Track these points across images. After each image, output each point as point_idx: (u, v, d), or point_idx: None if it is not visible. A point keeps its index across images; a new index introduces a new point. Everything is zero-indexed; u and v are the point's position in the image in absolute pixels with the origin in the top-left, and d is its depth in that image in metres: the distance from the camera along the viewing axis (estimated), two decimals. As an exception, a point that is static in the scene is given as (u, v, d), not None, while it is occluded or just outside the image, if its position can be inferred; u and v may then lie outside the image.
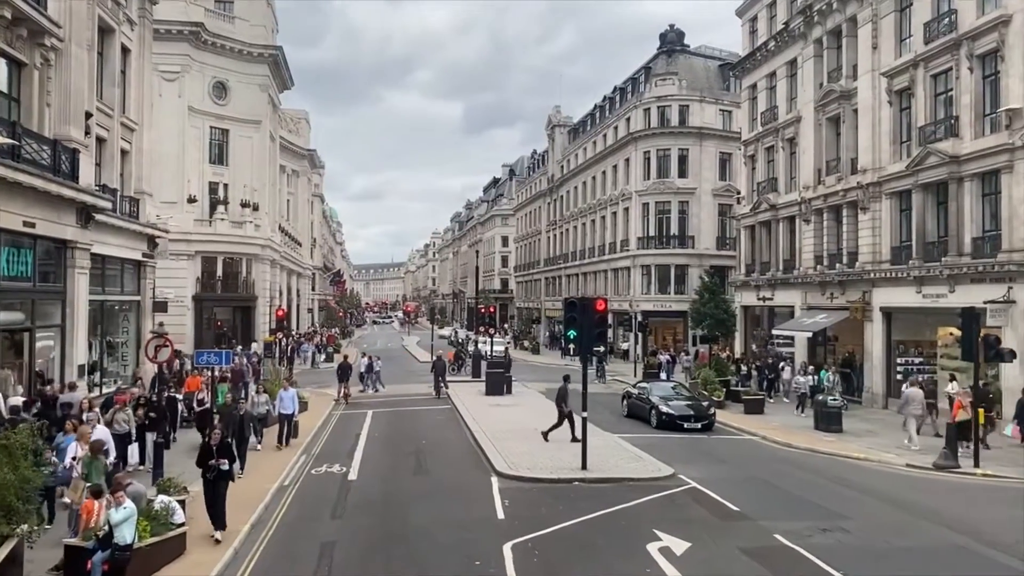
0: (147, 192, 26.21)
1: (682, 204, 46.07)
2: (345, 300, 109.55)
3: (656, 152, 46.23)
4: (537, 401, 26.00)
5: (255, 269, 43.15)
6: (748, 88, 34.58)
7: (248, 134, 43.70)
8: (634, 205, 47.28)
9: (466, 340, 60.09)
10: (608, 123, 52.59)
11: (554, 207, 66.10)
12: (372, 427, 20.40)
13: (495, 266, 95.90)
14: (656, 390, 21.10)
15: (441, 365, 28.37)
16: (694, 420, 19.82)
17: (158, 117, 40.15)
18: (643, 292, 46.54)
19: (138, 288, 25.67)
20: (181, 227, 39.33)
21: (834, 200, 27.14)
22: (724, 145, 46.44)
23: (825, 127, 27.87)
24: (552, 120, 65.82)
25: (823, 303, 27.50)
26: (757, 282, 32.26)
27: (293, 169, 62.22)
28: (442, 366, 28.34)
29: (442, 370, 28.16)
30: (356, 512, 11.89)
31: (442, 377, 27.92)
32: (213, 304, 41.24)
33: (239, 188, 42.88)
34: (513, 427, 19.52)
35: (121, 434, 13.11)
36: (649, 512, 11.79)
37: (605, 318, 13.94)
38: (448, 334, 69.86)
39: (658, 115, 46.50)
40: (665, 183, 45.87)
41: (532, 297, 74.31)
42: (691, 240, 45.92)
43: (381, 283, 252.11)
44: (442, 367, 28.27)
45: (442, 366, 28.34)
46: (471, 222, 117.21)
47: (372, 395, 27.62)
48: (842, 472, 15.27)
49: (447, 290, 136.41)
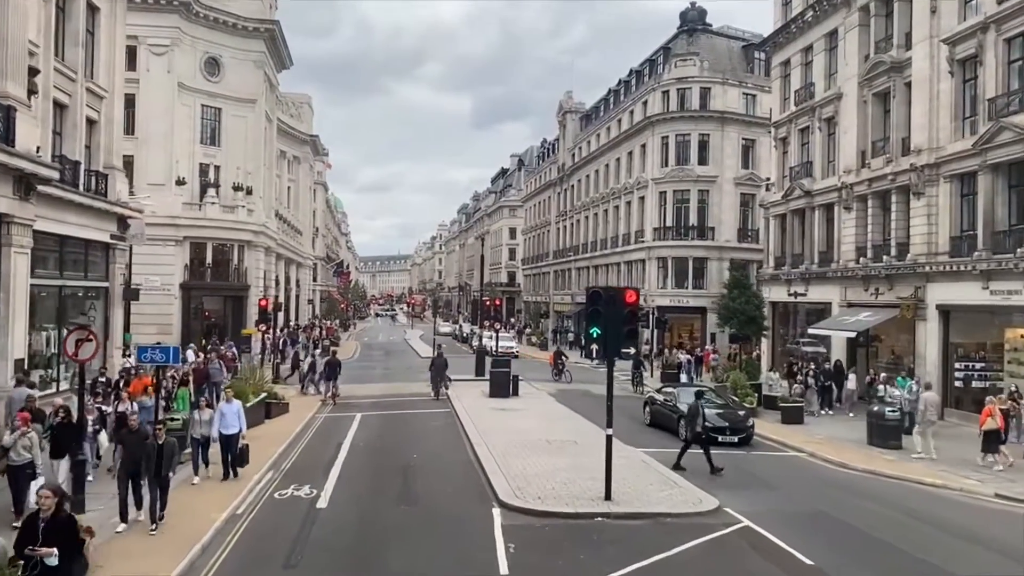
0: (117, 167, 23.64)
1: (702, 193, 43.21)
2: (350, 292, 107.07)
3: (675, 137, 43.35)
4: (547, 405, 23.35)
5: (248, 256, 40.66)
6: (780, 65, 31.68)
7: (242, 113, 41.12)
8: (650, 194, 44.45)
9: (471, 335, 57.56)
10: (624, 107, 49.70)
11: (564, 197, 63.32)
12: (358, 435, 17.78)
13: (502, 259, 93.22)
14: (684, 396, 18.38)
15: (441, 362, 25.69)
16: (730, 433, 17.11)
17: (145, 94, 37.79)
18: (659, 286, 43.77)
19: (106, 274, 23.13)
20: (169, 211, 36.93)
21: (881, 185, 24.29)
22: (747, 131, 43.55)
23: (871, 104, 24.99)
24: (563, 106, 62.94)
25: (866, 300, 24.69)
26: (788, 276, 29.46)
27: (294, 155, 59.69)
28: (442, 363, 25.66)
29: (442, 368, 25.50)
30: (318, 558, 9.26)
31: (442, 376, 25.27)
32: (203, 293, 38.81)
33: (232, 170, 40.35)
34: (520, 438, 16.89)
35: (16, 466, 9.80)
36: (697, 567, 9.14)
37: (636, 313, 11.27)
38: (451, 330, 67.22)
39: (677, 98, 43.59)
40: (684, 170, 43.00)
41: (540, 291, 71.62)
42: (711, 231, 43.08)
43: (388, 275, 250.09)
44: (442, 364, 25.59)
45: (442, 363, 25.66)
46: (478, 213, 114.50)
47: (360, 397, 24.85)
48: (921, 504, 12.56)
49: (453, 283, 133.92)
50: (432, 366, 25.79)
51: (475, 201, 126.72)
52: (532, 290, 76.62)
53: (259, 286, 41.56)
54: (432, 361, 26.21)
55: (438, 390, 25.04)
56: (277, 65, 46.51)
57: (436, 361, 25.88)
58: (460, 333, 62.66)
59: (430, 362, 26.36)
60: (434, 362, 25.94)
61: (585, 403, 24.17)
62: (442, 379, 25.25)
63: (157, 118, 37.06)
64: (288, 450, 15.64)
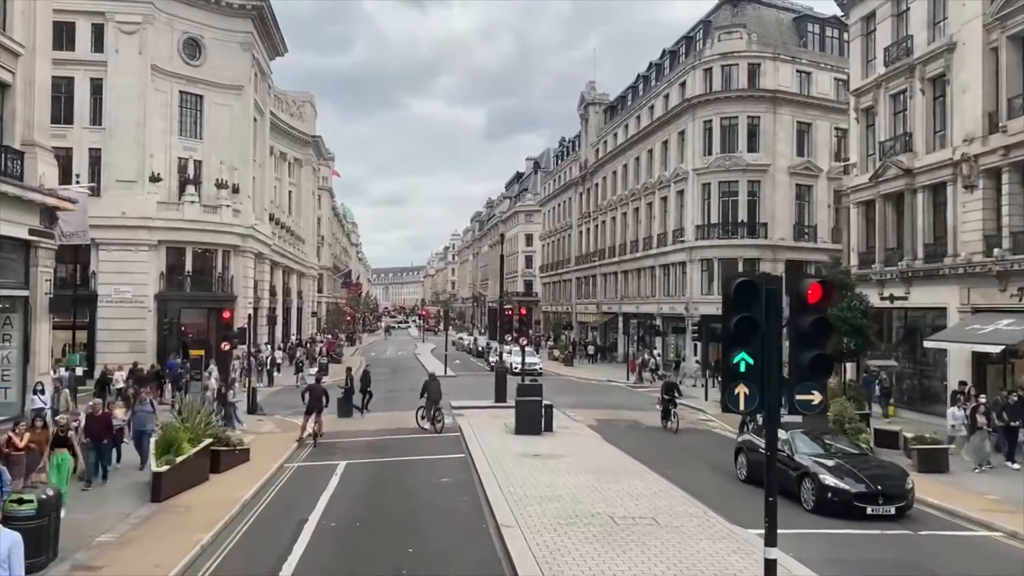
0: (42, 145, 18.56)
1: (752, 184, 37.66)
2: (361, 304, 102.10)
3: (719, 121, 37.87)
4: (593, 447, 17.82)
5: (234, 263, 35.65)
6: (860, 20, 26.20)
7: (227, 102, 36.26)
8: (691, 187, 38.95)
9: (487, 349, 52.17)
10: (656, 92, 44.30)
11: (587, 197, 57.95)
12: (331, 506, 12.22)
13: (518, 267, 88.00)
14: (802, 444, 12.82)
15: (435, 387, 20.40)
16: (883, 501, 11.49)
17: (113, 78, 32.96)
18: (703, 292, 38.16)
19: (26, 280, 18.01)
20: (141, 211, 32.08)
21: (1020, 153, 18.69)
22: (802, 113, 38.07)
23: (1006, 51, 19.41)
24: (585, 98, 57.67)
25: (1003, 303, 19.03)
26: (880, 276, 23.85)
27: (295, 157, 54.94)
28: (435, 389, 20.37)
29: (436, 395, 20.23)
30: None
31: (436, 406, 20.04)
32: (181, 305, 33.78)
33: (214, 166, 35.43)
34: (569, 509, 11.47)
35: None
36: None
37: (827, 322, 5.81)
38: (467, 342, 61.81)
39: (722, 76, 38.17)
40: (732, 158, 37.48)
41: (561, 300, 66.17)
42: (763, 228, 37.49)
43: (400, 287, 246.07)
44: (436, 391, 20.31)
45: (435, 389, 20.37)
46: (492, 220, 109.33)
47: (350, 435, 19.54)
48: None
49: (467, 294, 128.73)
50: (424, 391, 20.59)
51: (489, 208, 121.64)
52: (551, 299, 71.23)
53: (248, 296, 36.50)
54: (424, 386, 20.86)
55: (435, 420, 19.88)
56: (269, 51, 41.72)
57: (429, 385, 20.62)
58: (475, 347, 57.23)
59: (421, 387, 21.05)
60: (426, 387, 20.67)
61: (639, 442, 18.73)
62: (436, 410, 20.15)
63: (127, 106, 32.30)
64: (217, 541, 10.17)
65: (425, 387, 20.78)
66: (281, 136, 51.10)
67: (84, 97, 32.38)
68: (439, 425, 19.99)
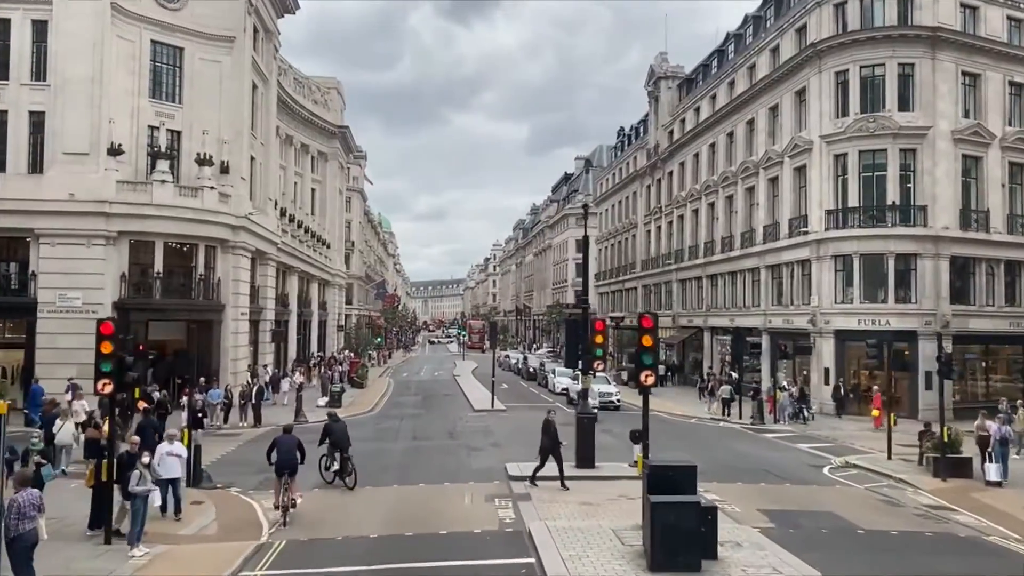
0: None
1: (904, 155, 27.97)
2: (397, 316, 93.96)
3: (858, 71, 28.31)
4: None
5: (221, 262, 27.70)
6: None
7: (215, 57, 28.51)
8: (817, 160, 29.42)
9: (541, 370, 43.13)
10: (759, 45, 34.92)
11: (657, 189, 48.67)
12: None
13: (567, 276, 79.19)
14: None
15: (340, 429, 13.34)
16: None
17: (62, 20, 24.95)
18: (837, 300, 28.50)
19: None
20: (96, 192, 24.42)
21: None
22: (968, 60, 28.46)
23: None
24: (655, 71, 48.46)
25: None
26: None
27: (319, 150, 47.42)
28: (341, 431, 13.03)
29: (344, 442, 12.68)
30: None
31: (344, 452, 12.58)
32: (149, 315, 25.93)
33: (197, 138, 27.56)
34: None
35: None
36: None
37: None
38: (514, 361, 52.70)
39: (858, 12, 28.66)
40: (877, 119, 27.85)
41: (622, 311, 56.64)
42: (920, 213, 27.73)
43: (440, 300, 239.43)
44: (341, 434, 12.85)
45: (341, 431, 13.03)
46: (537, 226, 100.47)
47: (335, 545, 10.82)
48: None
49: (509, 306, 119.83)
50: (324, 438, 14.63)
51: (533, 215, 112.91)
52: (609, 311, 61.70)
53: (240, 305, 28.39)
54: (324, 431, 14.74)
55: (345, 475, 13.78)
56: (275, 2, 33.91)
57: (332, 430, 14.45)
58: (524, 367, 48.11)
59: (322, 432, 14.77)
60: (328, 432, 14.58)
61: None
62: (345, 459, 14.41)
63: (79, 57, 24.89)
64: None
65: (326, 432, 14.75)
66: (302, 125, 43.45)
67: (23, 45, 25.10)
68: (349, 480, 14.39)
